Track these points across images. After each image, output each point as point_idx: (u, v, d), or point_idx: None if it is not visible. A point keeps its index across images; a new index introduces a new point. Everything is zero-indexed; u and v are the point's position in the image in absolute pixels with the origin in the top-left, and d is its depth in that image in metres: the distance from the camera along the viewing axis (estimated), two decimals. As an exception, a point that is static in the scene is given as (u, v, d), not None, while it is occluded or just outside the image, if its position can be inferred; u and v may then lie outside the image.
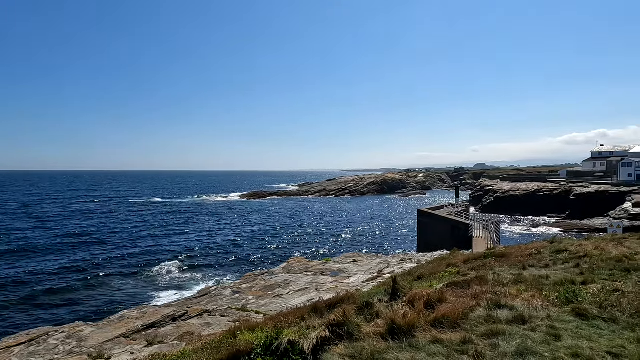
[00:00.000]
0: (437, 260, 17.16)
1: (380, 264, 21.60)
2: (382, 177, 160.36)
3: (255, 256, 41.71)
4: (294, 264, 23.03)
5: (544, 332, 5.06)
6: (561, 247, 11.69)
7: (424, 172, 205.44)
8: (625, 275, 7.92)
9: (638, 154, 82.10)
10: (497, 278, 8.27)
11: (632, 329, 5.11)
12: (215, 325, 11.39)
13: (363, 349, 4.69)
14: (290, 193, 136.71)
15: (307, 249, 45.92)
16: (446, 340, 4.89)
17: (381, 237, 55.52)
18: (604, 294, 6.49)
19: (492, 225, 34.41)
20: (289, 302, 14.63)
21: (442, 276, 10.15)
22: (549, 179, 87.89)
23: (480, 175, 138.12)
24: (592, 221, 59.92)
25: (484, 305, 6.08)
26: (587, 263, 9.20)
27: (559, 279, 7.83)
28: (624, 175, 74.23)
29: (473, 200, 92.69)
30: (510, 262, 10.54)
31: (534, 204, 74.49)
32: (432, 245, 31.86)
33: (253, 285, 18.62)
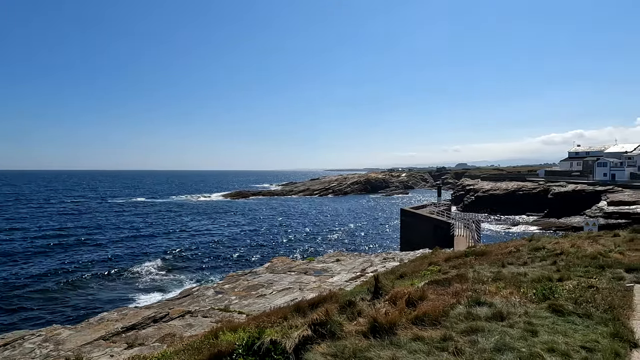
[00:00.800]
0: (419, 258, 17.37)
1: (363, 263, 21.71)
2: (365, 177, 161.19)
3: (238, 256, 41.45)
4: (278, 264, 22.97)
5: (521, 328, 5.17)
6: (539, 245, 11.96)
7: (406, 171, 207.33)
8: (599, 272, 8.16)
9: (613, 154, 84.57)
10: (477, 276, 8.42)
11: (606, 324, 5.27)
12: (197, 326, 11.28)
13: (345, 348, 4.72)
14: (273, 193, 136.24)
15: (291, 249, 45.86)
16: (427, 337, 4.96)
17: (364, 236, 55.82)
18: (579, 291, 6.68)
19: (473, 224, 34.97)
20: (272, 302, 14.58)
21: (423, 274, 10.27)
22: (528, 178, 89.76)
23: (461, 175, 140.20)
24: (569, 219, 61.43)
25: (464, 303, 6.18)
26: (563, 260, 9.44)
27: (537, 276, 8.02)
28: (600, 175, 76.34)
29: (455, 199, 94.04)
30: (490, 260, 10.74)
31: (513, 203, 75.96)
32: (415, 244, 32.19)
33: (236, 286, 18.49)
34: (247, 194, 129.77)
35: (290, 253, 41.99)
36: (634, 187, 63.94)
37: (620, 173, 74.48)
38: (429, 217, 37.08)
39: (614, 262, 8.73)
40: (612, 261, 8.87)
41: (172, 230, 57.27)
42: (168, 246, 45.30)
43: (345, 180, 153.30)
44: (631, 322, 5.47)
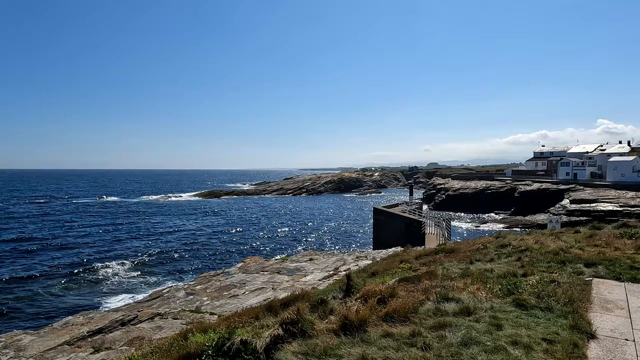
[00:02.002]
0: (391, 256, 17.60)
1: (336, 262, 21.83)
2: (339, 176, 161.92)
3: (211, 257, 40.86)
4: (251, 264, 22.79)
5: (487, 323, 5.33)
6: (505, 242, 12.33)
7: (379, 171, 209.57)
8: (561, 267, 8.49)
9: (575, 154, 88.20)
10: (446, 272, 8.61)
11: (565, 317, 5.50)
12: (167, 329, 11.05)
13: (316, 346, 4.74)
14: (247, 192, 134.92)
15: (264, 249, 45.58)
16: (396, 333, 5.04)
17: (338, 235, 56.09)
18: (541, 285, 6.93)
19: (444, 222, 35.72)
20: (244, 302, 14.47)
21: (395, 272, 10.42)
22: (496, 177, 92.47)
23: (433, 174, 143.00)
24: (535, 217, 63.66)
25: (433, 299, 6.32)
26: (527, 256, 9.77)
27: (502, 272, 8.28)
28: (563, 174, 79.49)
29: (426, 198, 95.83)
30: (459, 257, 11.00)
31: (482, 202, 78.08)
32: (387, 243, 32.58)
33: (208, 287, 18.24)
34: (220, 193, 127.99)
35: (263, 253, 41.73)
36: (594, 186, 66.94)
37: (581, 172, 77.78)
38: (401, 215, 37.62)
39: (575, 258, 9.10)
40: (572, 257, 9.24)
41: (142, 230, 55.86)
42: (138, 247, 44.17)
43: (319, 179, 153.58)
44: (589, 315, 5.73)
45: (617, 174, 69.80)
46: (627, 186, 62.93)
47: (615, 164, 72.03)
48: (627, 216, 47.38)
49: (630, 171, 68.88)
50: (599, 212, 54.11)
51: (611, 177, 70.34)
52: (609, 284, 7.32)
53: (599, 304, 6.26)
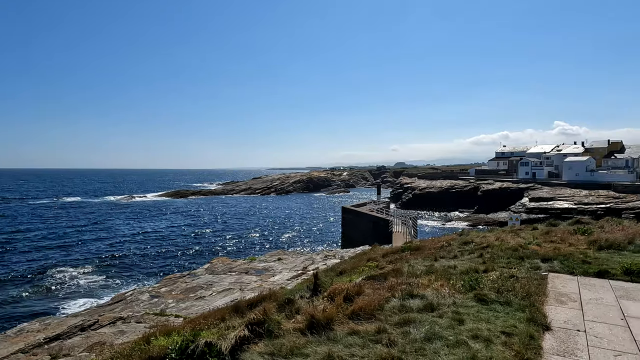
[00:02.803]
0: (359, 255, 17.79)
1: (305, 261, 21.83)
2: (307, 176, 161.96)
3: (177, 258, 39.93)
4: (218, 265, 22.45)
5: (449, 318, 5.48)
6: (468, 239, 12.71)
7: (348, 170, 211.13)
8: (519, 263, 8.85)
9: (533, 155, 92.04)
10: (411, 270, 8.78)
11: (523, 310, 5.73)
12: (130, 333, 10.72)
13: (282, 346, 4.73)
14: (214, 192, 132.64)
15: (232, 249, 44.98)
16: (362, 331, 5.10)
17: (306, 235, 56.11)
18: (501, 280, 7.20)
19: (410, 220, 36.42)
20: (211, 304, 14.23)
21: (362, 270, 10.54)
22: (460, 176, 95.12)
23: (400, 174, 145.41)
24: (497, 215, 65.95)
25: (398, 296, 6.43)
26: (489, 253, 10.11)
27: (465, 268, 8.53)
28: (522, 174, 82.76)
29: (393, 197, 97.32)
30: (424, 255, 11.26)
31: (447, 200, 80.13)
32: (356, 241, 32.89)
33: (173, 289, 17.82)
34: (187, 193, 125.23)
35: (231, 253, 41.18)
36: (551, 185, 70.09)
37: (539, 172, 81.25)
38: (369, 214, 38.05)
39: (532, 253, 9.50)
40: (530, 252, 9.64)
41: (104, 232, 53.85)
42: (99, 250, 42.57)
43: (288, 179, 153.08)
44: (544, 308, 5.99)
45: (572, 174, 73.32)
46: (581, 185, 66.26)
47: (570, 163, 75.65)
48: (581, 213, 49.97)
49: (583, 170, 72.53)
50: (556, 209, 56.68)
51: (567, 177, 73.82)
52: (563, 278, 7.69)
53: (554, 297, 6.56)
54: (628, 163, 75.72)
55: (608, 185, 63.00)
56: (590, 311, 5.98)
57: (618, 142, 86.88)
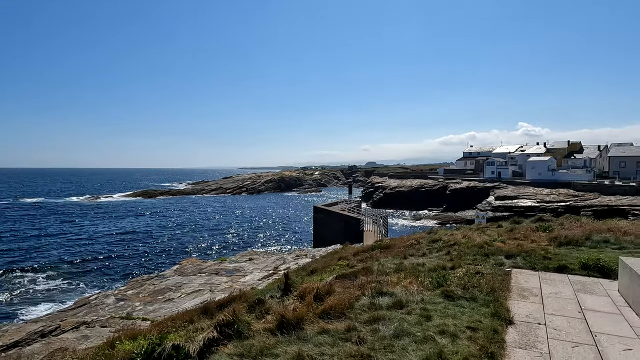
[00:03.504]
0: (330, 254, 17.87)
1: (276, 261, 21.74)
2: (279, 175, 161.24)
3: (144, 260, 38.89)
4: (187, 266, 22.04)
5: (418, 314, 5.59)
6: (436, 237, 12.99)
7: (319, 169, 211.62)
8: (485, 259, 9.12)
9: (499, 154, 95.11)
10: (381, 268, 8.90)
11: (488, 305, 5.91)
12: (94, 338, 10.36)
13: (252, 347, 4.69)
14: (183, 192, 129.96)
15: (202, 250, 44.23)
16: (332, 330, 5.13)
17: (278, 234, 55.86)
18: (467, 277, 7.40)
19: (381, 219, 36.90)
20: (180, 306, 13.96)
21: (333, 269, 10.59)
22: (429, 176, 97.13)
23: (371, 173, 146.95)
24: (464, 213, 67.71)
25: (368, 294, 6.50)
26: (456, 250, 10.37)
27: (433, 265, 8.72)
28: (488, 173, 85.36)
29: (365, 196, 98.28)
30: (394, 253, 11.42)
31: (417, 199, 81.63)
32: (327, 240, 33.00)
33: (140, 291, 17.37)
34: (155, 193, 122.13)
35: (201, 254, 40.49)
36: (516, 184, 72.63)
37: (504, 171, 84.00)
38: (340, 213, 38.27)
39: (497, 250, 9.81)
40: (495, 249, 9.96)
41: (68, 234, 51.77)
42: (62, 252, 40.92)
43: (259, 178, 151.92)
44: (508, 303, 6.20)
45: (535, 173, 76.20)
46: (543, 184, 68.98)
47: (533, 163, 78.59)
48: (543, 211, 51.92)
49: (545, 170, 75.51)
50: (520, 207, 58.73)
51: (530, 176, 76.65)
52: (526, 274, 7.98)
53: (517, 292, 6.80)
54: (586, 163, 79.40)
55: (568, 184, 65.85)
56: (550, 305, 6.23)
57: (577, 142, 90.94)
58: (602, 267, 7.89)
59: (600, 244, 10.21)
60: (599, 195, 58.27)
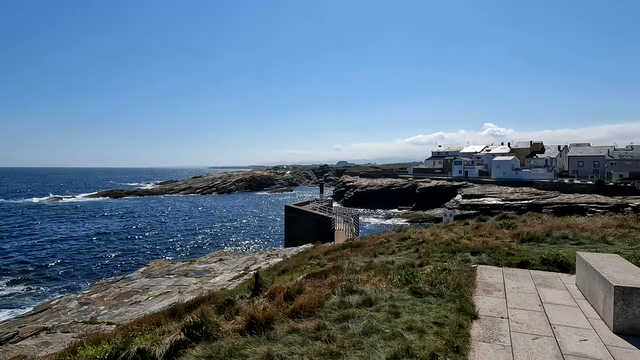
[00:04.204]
0: (302, 253, 17.87)
1: (247, 261, 21.54)
2: (250, 174, 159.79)
3: (110, 262, 37.69)
4: (155, 268, 21.51)
5: (386, 312, 5.67)
6: (405, 235, 13.21)
7: (291, 169, 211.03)
8: (451, 256, 9.35)
9: (466, 154, 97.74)
10: (351, 266, 8.97)
11: (454, 301, 6.07)
12: (55, 344, 9.96)
13: (221, 348, 4.63)
14: (151, 192, 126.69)
15: (170, 251, 43.29)
16: (302, 329, 5.13)
17: (249, 234, 55.37)
18: (435, 273, 7.56)
19: (352, 218, 37.22)
20: (148, 309, 13.63)
21: (304, 268, 10.60)
22: (399, 175, 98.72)
23: (342, 172, 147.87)
24: (433, 211, 69.19)
25: (338, 293, 6.54)
26: (424, 248, 10.58)
27: (402, 263, 8.86)
28: (456, 172, 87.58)
29: (336, 195, 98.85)
30: (364, 251, 11.55)
31: (387, 198, 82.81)
32: (299, 240, 32.98)
33: (106, 294, 16.83)
34: (121, 193, 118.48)
35: (169, 256, 39.61)
36: (482, 183, 74.84)
37: (471, 170, 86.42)
38: (312, 213, 38.35)
39: (463, 247, 10.08)
40: (461, 246, 10.22)
41: (28, 237, 49.46)
42: (22, 256, 39.08)
43: (230, 177, 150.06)
44: (473, 298, 6.39)
45: (499, 172, 78.78)
46: (508, 182, 71.41)
47: (498, 162, 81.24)
48: (508, 209, 53.70)
49: (510, 169, 78.20)
50: (486, 205, 60.57)
51: (495, 175, 79.19)
52: (490, 270, 8.24)
53: (482, 288, 7.01)
54: (547, 162, 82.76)
55: (530, 182, 68.44)
56: (512, 299, 6.46)
57: (539, 143, 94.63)
58: (561, 262, 8.25)
59: (559, 240, 10.66)
60: (559, 193, 60.87)
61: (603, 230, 11.46)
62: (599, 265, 6.02)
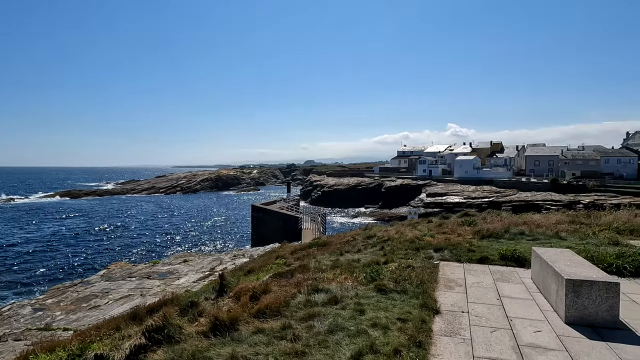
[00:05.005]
0: (268, 253, 17.75)
1: (212, 262, 21.19)
2: (216, 174, 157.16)
3: (67, 266, 36.05)
4: (116, 270, 20.78)
5: (352, 309, 5.73)
6: (371, 234, 13.38)
7: (258, 168, 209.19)
8: (415, 253, 9.55)
9: (430, 154, 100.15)
10: (317, 265, 9.00)
11: (417, 297, 6.20)
12: (6, 353, 9.43)
13: (183, 351, 4.53)
14: (112, 192, 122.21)
15: (132, 253, 41.92)
16: (267, 329, 5.11)
17: (215, 235, 54.46)
18: (399, 271, 7.70)
19: (319, 217, 37.33)
20: (108, 313, 13.14)
21: (270, 268, 10.54)
22: (366, 174, 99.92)
23: (309, 172, 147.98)
24: (398, 209, 70.47)
25: (304, 291, 6.54)
26: (389, 245, 10.76)
27: (368, 261, 8.97)
28: (420, 171, 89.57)
29: (303, 194, 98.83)
30: (331, 250, 11.60)
31: (354, 197, 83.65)
32: (266, 239, 32.74)
33: (62, 299, 16.10)
34: (79, 193, 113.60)
35: (131, 258, 38.36)
36: (445, 181, 76.95)
37: (435, 169, 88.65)
38: (279, 212, 38.15)
39: (427, 244, 10.32)
40: (425, 243, 10.47)
41: (-27, 240, 46.58)
42: (-33, 260, 36.74)
43: (195, 177, 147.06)
44: (435, 293, 6.56)
45: (462, 171, 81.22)
46: (470, 181, 73.78)
47: (461, 162, 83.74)
48: (470, 207, 55.51)
49: (471, 168, 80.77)
50: (449, 204, 62.32)
51: (457, 174, 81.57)
52: (452, 266, 8.48)
53: (444, 283, 7.20)
54: (506, 162, 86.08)
55: (491, 181, 70.99)
56: (473, 294, 6.68)
57: (499, 143, 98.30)
58: (518, 257, 8.60)
59: (517, 236, 11.11)
60: (517, 191, 63.49)
61: (557, 226, 12.05)
62: (552, 260, 6.32)
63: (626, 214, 13.32)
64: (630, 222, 12.11)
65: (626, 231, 11.30)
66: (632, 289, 6.79)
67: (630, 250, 8.24)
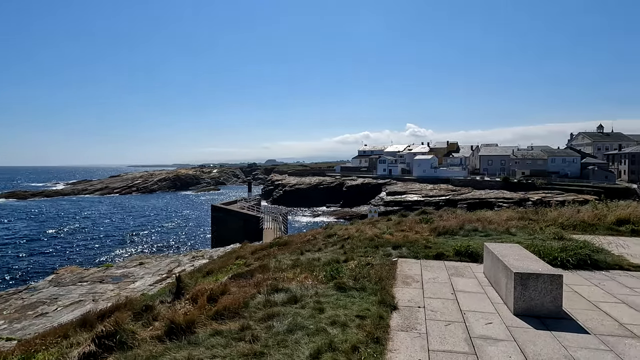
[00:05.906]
0: (229, 254, 17.49)
1: (170, 264, 20.58)
2: (174, 173, 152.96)
3: (11, 271, 33.86)
4: (65, 275, 19.74)
5: (311, 308, 5.74)
6: (332, 232, 13.47)
7: (218, 167, 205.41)
8: (375, 251, 9.70)
9: (390, 153, 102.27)
10: (278, 265, 8.95)
11: (375, 294, 6.30)
12: (-60, 367, 8.73)
13: (137, 357, 4.38)
14: (61, 192, 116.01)
15: (84, 256, 39.99)
16: (225, 330, 5.02)
17: (173, 236, 52.96)
18: (358, 268, 7.80)
19: (281, 216, 37.18)
20: (56, 320, 12.46)
21: (229, 269, 10.38)
22: (327, 173, 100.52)
23: (271, 171, 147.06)
24: (359, 208, 71.43)
25: (264, 292, 6.49)
26: (349, 244, 10.87)
27: (328, 259, 9.02)
28: (380, 170, 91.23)
29: (265, 194, 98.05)
30: (291, 249, 11.58)
31: (316, 196, 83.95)
32: (227, 240, 32.18)
33: (5, 307, 15.10)
34: (25, 194, 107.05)
35: (82, 261, 36.58)
36: (404, 180, 78.81)
37: (395, 169, 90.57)
38: (239, 212, 37.64)
39: (386, 242, 10.52)
40: (384, 241, 10.66)
41: None
42: None
43: (152, 177, 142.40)
44: (393, 290, 6.69)
45: (420, 170, 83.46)
46: (428, 180, 75.95)
47: (419, 161, 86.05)
48: (427, 205, 57.10)
49: (429, 167, 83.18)
50: (408, 202, 63.88)
51: (416, 173, 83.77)
52: (410, 262, 8.69)
53: (401, 280, 7.37)
54: (462, 161, 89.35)
55: (447, 180, 73.43)
56: (429, 289, 6.87)
57: (455, 143, 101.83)
58: (472, 252, 8.94)
59: (471, 233, 11.55)
60: (472, 189, 66.05)
61: (507, 222, 12.62)
62: (502, 254, 6.62)
63: (570, 211, 14.14)
64: (574, 217, 12.88)
65: (570, 226, 12.01)
66: (574, 280, 7.23)
67: (573, 244, 8.78)
